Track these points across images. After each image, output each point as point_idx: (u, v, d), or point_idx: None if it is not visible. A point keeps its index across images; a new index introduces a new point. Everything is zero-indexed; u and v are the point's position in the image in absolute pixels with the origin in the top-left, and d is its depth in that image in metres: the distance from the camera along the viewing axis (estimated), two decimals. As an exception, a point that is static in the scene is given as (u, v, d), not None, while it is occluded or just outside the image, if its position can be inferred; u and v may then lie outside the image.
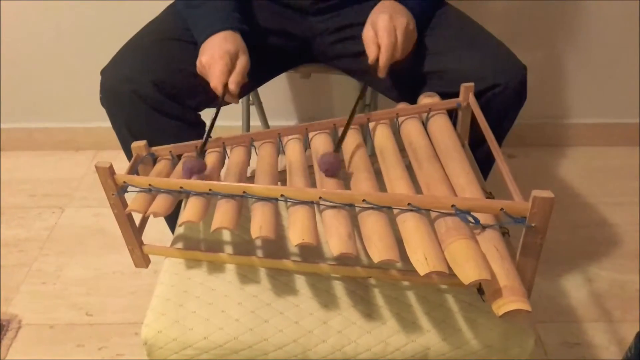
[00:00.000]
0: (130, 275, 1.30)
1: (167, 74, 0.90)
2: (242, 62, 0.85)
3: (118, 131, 0.95)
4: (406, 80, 0.96)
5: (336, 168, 0.72)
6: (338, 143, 0.76)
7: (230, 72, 0.83)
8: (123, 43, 0.95)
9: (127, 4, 1.45)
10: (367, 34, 0.86)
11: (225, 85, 0.83)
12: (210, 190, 0.70)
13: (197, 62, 0.86)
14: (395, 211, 0.64)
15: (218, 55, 0.83)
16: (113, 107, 0.92)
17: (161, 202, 0.71)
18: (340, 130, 0.85)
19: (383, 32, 0.83)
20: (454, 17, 1.00)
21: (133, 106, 0.89)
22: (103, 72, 0.91)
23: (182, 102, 0.93)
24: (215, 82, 0.82)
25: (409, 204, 0.63)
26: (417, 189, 0.70)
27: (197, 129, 0.99)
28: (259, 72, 1.03)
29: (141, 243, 0.79)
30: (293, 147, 0.83)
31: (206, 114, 1.00)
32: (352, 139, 0.82)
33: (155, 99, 0.89)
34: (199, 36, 0.88)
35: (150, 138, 0.82)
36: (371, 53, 0.85)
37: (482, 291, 0.70)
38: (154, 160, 0.82)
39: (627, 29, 1.51)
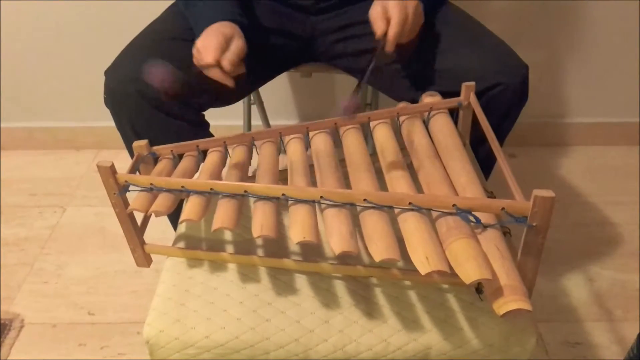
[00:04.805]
0: (132, 274, 1.30)
1: None
2: (237, 43, 0.81)
3: (122, 131, 0.95)
4: (407, 79, 0.96)
5: (356, 108, 0.73)
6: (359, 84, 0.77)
7: (223, 51, 0.80)
8: (123, 42, 0.95)
9: (126, 3, 1.45)
10: (375, 10, 0.82)
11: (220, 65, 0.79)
12: (211, 189, 0.70)
13: (193, 51, 0.82)
14: (396, 210, 0.64)
15: (212, 35, 0.80)
16: (117, 107, 0.92)
17: (162, 201, 0.71)
18: (342, 130, 0.85)
19: (394, 7, 0.80)
20: (455, 16, 1.00)
21: (137, 106, 0.89)
22: (107, 73, 0.91)
23: (186, 102, 0.93)
24: (209, 59, 0.78)
25: (410, 203, 0.63)
26: (418, 188, 0.71)
27: (201, 129, 0.99)
28: (261, 71, 1.03)
29: (143, 242, 0.79)
30: (294, 146, 0.83)
31: (209, 114, 1.00)
32: (353, 138, 0.82)
33: (159, 99, 0.89)
34: (199, 31, 0.85)
35: (155, 138, 0.82)
36: (379, 28, 0.81)
37: (480, 290, 0.70)
38: (155, 160, 0.82)
39: (627, 29, 1.51)
